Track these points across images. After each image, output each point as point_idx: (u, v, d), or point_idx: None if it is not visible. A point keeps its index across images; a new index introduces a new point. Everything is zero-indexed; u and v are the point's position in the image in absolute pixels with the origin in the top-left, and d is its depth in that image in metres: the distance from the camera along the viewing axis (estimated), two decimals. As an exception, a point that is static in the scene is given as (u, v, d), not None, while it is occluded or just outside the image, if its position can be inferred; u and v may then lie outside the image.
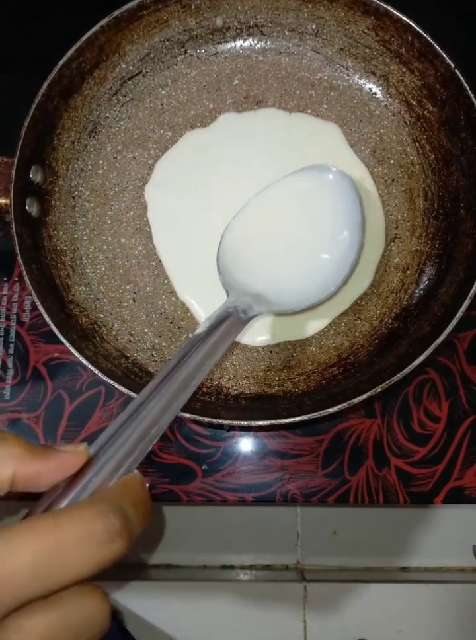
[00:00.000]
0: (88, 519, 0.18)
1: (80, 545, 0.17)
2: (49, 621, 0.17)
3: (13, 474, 0.19)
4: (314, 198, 0.34)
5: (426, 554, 0.46)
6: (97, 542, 0.18)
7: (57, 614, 0.17)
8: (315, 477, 0.43)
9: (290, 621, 0.43)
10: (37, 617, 0.17)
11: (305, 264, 0.33)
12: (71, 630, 0.18)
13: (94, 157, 0.44)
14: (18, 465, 0.19)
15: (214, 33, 0.45)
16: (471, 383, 0.45)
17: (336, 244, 0.34)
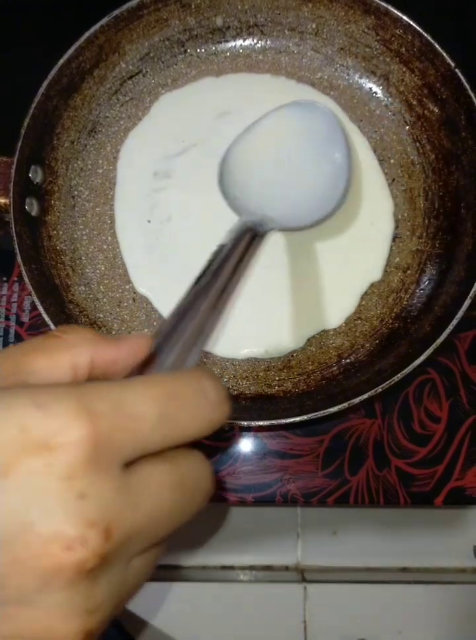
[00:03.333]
0: (199, 378, 0.18)
1: (197, 400, 0.17)
2: (167, 474, 0.17)
3: (92, 359, 0.18)
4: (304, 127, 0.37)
5: (426, 554, 0.46)
6: (209, 401, 0.18)
7: (173, 468, 0.17)
8: (315, 477, 0.43)
9: (290, 622, 0.43)
10: (157, 467, 0.17)
11: (305, 184, 0.37)
12: (185, 486, 0.17)
13: (93, 156, 0.44)
14: (95, 350, 0.19)
15: (214, 32, 0.45)
16: (471, 383, 0.45)
17: (329, 164, 0.37)
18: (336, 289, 0.42)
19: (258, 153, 0.37)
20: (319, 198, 0.37)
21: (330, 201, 0.38)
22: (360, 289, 0.42)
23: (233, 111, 0.44)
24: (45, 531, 0.14)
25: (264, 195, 0.36)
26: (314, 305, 0.42)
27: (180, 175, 0.43)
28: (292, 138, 0.37)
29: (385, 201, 0.43)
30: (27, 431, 0.15)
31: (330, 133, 0.38)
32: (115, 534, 0.15)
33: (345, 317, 0.42)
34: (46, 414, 0.15)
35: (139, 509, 0.16)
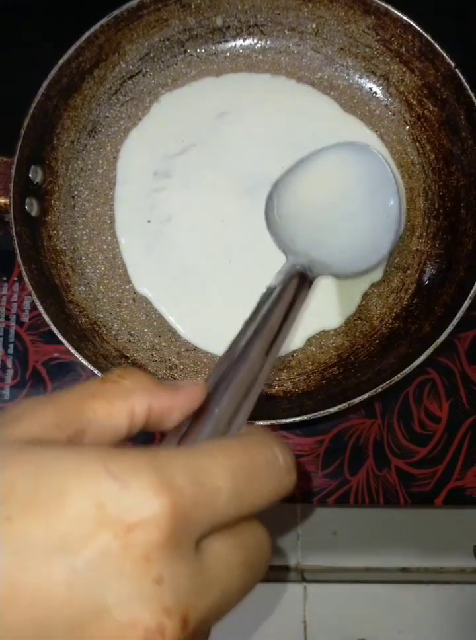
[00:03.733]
0: (271, 446, 0.17)
1: (269, 471, 0.17)
2: (237, 552, 0.16)
3: (149, 407, 0.18)
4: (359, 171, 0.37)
5: (426, 554, 0.46)
6: (280, 471, 0.17)
7: (241, 544, 0.17)
8: (315, 477, 0.43)
9: (290, 622, 0.43)
10: (226, 544, 0.16)
11: (356, 230, 0.36)
12: (251, 562, 0.17)
13: (93, 156, 0.44)
14: (153, 397, 0.18)
15: (214, 32, 0.45)
16: (471, 383, 0.45)
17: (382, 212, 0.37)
18: (336, 289, 0.42)
19: (310, 193, 0.36)
20: (369, 246, 0.36)
21: (379, 251, 0.37)
22: (360, 289, 0.42)
23: (233, 111, 0.44)
24: (121, 616, 0.13)
25: (314, 238, 0.35)
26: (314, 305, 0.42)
27: (180, 175, 0.43)
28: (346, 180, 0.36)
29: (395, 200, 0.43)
30: (102, 507, 0.13)
31: (383, 179, 0.37)
32: (190, 622, 0.14)
33: (345, 317, 0.42)
34: (124, 488, 0.14)
35: (213, 592, 0.15)
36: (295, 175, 0.38)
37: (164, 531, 0.14)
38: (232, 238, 0.42)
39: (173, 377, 0.41)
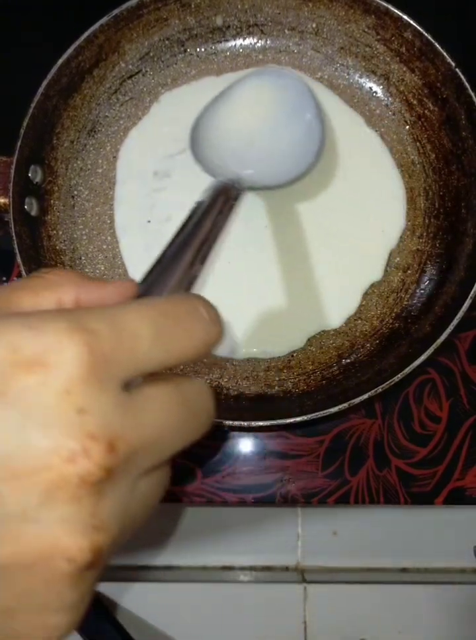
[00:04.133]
0: (192, 300, 0.18)
1: (191, 318, 0.17)
2: (171, 393, 0.17)
3: (77, 297, 0.18)
4: (275, 92, 0.39)
5: (426, 555, 0.45)
6: (203, 320, 0.18)
7: (176, 388, 0.17)
8: (316, 477, 0.43)
9: (290, 622, 0.43)
10: (161, 387, 0.16)
11: (278, 143, 0.38)
12: (189, 405, 0.17)
13: (93, 156, 0.44)
14: (80, 288, 0.18)
15: (214, 32, 0.45)
16: (471, 383, 0.45)
17: (300, 124, 0.38)
18: (337, 289, 0.42)
19: (231, 117, 0.38)
20: (293, 156, 0.38)
21: (303, 160, 0.39)
22: (361, 289, 0.42)
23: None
24: (44, 444, 0.14)
25: (239, 156, 0.37)
26: (314, 305, 0.42)
27: (180, 175, 0.43)
28: (264, 102, 0.38)
29: (395, 201, 0.43)
30: (19, 350, 0.14)
31: (299, 96, 0.39)
32: (119, 448, 0.14)
33: (345, 316, 0.42)
34: (39, 333, 0.14)
35: (144, 424, 0.15)
36: (215, 104, 0.39)
37: (83, 367, 0.14)
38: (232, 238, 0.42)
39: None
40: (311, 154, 0.38)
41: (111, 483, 0.15)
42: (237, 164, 0.36)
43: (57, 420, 0.14)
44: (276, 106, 0.38)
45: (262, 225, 0.42)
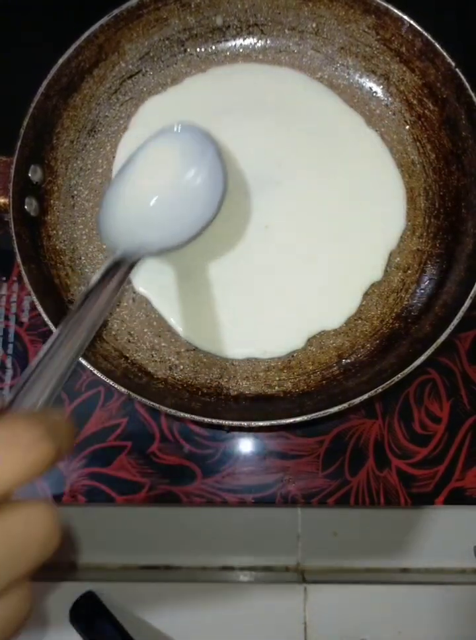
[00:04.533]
0: (8, 425, 0.18)
1: (4, 447, 0.17)
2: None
3: None
4: (169, 153, 0.38)
5: (426, 555, 0.45)
6: (21, 445, 0.17)
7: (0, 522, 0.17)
8: (316, 477, 0.43)
9: (290, 623, 0.43)
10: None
11: (174, 205, 0.37)
12: (16, 539, 0.17)
13: (93, 156, 0.44)
14: None
15: (214, 32, 0.45)
16: (472, 384, 0.45)
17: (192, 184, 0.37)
18: (337, 289, 0.42)
19: (128, 185, 0.37)
20: (183, 219, 0.37)
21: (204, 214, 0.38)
22: (361, 289, 0.42)
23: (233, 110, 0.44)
24: None
25: (130, 225, 0.36)
26: (314, 305, 0.42)
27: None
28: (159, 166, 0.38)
29: (395, 201, 0.43)
30: None
31: (188, 156, 0.38)
32: None
33: (346, 317, 0.42)
34: None
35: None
36: (115, 179, 0.39)
37: None
38: (232, 238, 0.42)
39: (173, 377, 0.41)
40: (214, 205, 0.37)
41: None
42: (137, 230, 0.36)
43: None
44: (170, 166, 0.37)
45: (262, 225, 0.42)
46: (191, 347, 0.41)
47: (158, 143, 0.38)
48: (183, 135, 0.38)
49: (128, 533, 0.46)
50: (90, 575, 0.44)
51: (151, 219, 0.36)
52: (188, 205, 0.37)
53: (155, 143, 0.38)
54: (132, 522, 0.45)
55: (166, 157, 0.37)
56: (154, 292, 0.42)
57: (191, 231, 0.37)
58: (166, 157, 0.37)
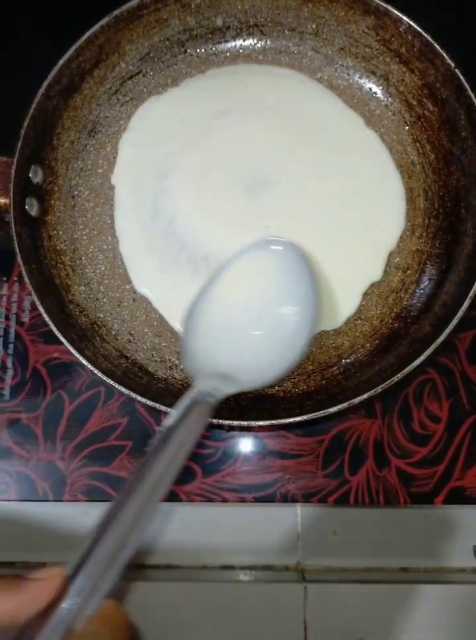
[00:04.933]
0: None
1: None
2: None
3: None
4: (266, 274, 0.35)
5: (426, 555, 0.45)
6: None
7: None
8: (315, 477, 0.43)
9: (290, 622, 0.43)
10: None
11: (264, 339, 0.34)
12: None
13: (94, 156, 0.44)
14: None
15: (214, 32, 0.45)
16: (471, 383, 0.45)
17: (288, 318, 0.34)
18: (336, 289, 0.42)
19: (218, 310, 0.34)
20: (274, 355, 0.34)
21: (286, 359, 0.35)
22: (360, 289, 0.42)
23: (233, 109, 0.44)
24: None
25: (224, 351, 0.33)
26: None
27: (181, 175, 0.43)
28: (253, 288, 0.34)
29: (395, 201, 0.43)
30: None
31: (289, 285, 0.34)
32: None
33: (345, 317, 0.42)
34: None
35: None
36: (201, 301, 0.36)
37: None
38: (233, 239, 0.42)
39: (173, 377, 0.41)
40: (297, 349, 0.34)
41: None
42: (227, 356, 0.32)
43: None
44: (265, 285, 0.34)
45: (262, 225, 0.42)
46: (191, 347, 0.41)
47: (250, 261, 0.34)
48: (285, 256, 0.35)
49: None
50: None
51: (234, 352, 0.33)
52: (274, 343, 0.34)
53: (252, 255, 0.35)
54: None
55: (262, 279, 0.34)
56: (155, 292, 0.42)
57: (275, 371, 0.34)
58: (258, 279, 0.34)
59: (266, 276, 0.34)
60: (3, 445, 0.44)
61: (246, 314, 0.34)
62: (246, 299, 0.34)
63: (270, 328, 0.34)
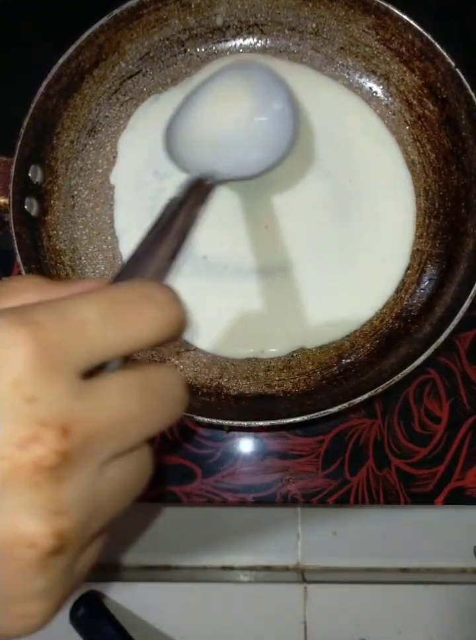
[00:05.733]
0: (145, 284, 0.18)
1: (144, 300, 0.17)
2: (133, 377, 0.16)
3: (40, 300, 0.17)
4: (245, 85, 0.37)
5: (426, 555, 0.45)
6: (157, 301, 0.17)
7: (140, 372, 0.17)
8: (316, 477, 0.43)
9: (290, 622, 0.43)
10: (123, 373, 0.16)
11: (249, 135, 0.37)
12: (154, 389, 0.17)
13: (93, 156, 0.44)
14: (43, 293, 0.17)
15: (214, 32, 0.45)
16: (471, 384, 0.45)
17: (270, 114, 0.37)
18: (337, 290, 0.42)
19: (202, 115, 0.37)
20: (264, 147, 0.37)
21: (277, 148, 0.38)
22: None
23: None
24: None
25: (212, 150, 0.36)
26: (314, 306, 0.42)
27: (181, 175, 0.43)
28: (233, 98, 0.37)
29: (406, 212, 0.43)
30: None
31: (269, 86, 0.38)
32: (74, 432, 0.14)
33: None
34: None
35: (102, 408, 0.15)
36: (187, 104, 0.38)
37: (32, 358, 0.14)
38: (232, 238, 0.42)
39: (173, 377, 0.41)
40: (285, 142, 0.37)
41: (70, 467, 0.15)
42: (210, 157, 0.36)
43: (7, 412, 0.14)
44: (246, 100, 0.37)
45: (262, 226, 0.42)
46: (191, 347, 0.41)
47: (233, 73, 0.38)
48: (257, 68, 0.38)
49: (128, 533, 0.46)
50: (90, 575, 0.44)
51: (223, 145, 0.36)
52: (262, 137, 0.37)
53: (230, 72, 0.38)
54: (132, 522, 0.45)
55: (238, 89, 0.37)
56: None
57: (265, 162, 0.37)
58: (238, 89, 0.37)
59: (242, 92, 0.37)
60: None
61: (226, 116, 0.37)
62: (229, 106, 0.37)
63: (254, 127, 0.37)
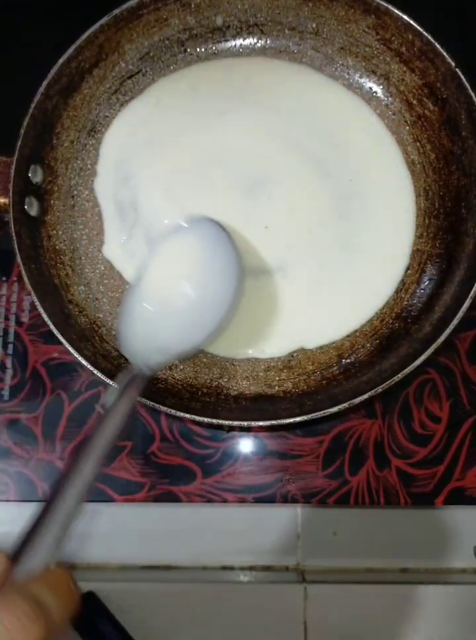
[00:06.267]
0: None
1: None
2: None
3: None
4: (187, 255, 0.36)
5: (426, 555, 0.45)
6: (7, 630, 0.19)
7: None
8: (316, 477, 0.43)
9: (290, 623, 0.43)
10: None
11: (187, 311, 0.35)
12: None
13: (93, 156, 0.44)
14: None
15: (214, 32, 0.45)
16: (471, 384, 0.45)
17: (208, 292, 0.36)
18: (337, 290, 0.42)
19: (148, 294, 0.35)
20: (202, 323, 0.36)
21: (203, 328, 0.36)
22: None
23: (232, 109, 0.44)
24: None
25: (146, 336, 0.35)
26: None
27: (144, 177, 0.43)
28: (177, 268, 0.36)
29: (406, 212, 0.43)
30: None
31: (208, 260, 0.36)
32: None
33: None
34: None
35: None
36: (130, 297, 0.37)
37: None
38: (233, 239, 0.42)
39: (173, 377, 0.41)
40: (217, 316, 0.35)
41: None
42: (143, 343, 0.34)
43: None
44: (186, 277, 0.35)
45: (262, 226, 0.42)
46: (191, 347, 0.41)
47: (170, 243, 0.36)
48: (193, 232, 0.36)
49: (128, 533, 0.46)
50: (90, 575, 0.44)
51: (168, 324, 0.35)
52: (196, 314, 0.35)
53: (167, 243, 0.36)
54: (132, 522, 0.45)
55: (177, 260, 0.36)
56: None
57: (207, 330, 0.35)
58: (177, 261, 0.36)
59: (187, 257, 0.36)
60: (3, 445, 0.44)
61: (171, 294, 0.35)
62: (171, 281, 0.36)
63: (193, 302, 0.35)
